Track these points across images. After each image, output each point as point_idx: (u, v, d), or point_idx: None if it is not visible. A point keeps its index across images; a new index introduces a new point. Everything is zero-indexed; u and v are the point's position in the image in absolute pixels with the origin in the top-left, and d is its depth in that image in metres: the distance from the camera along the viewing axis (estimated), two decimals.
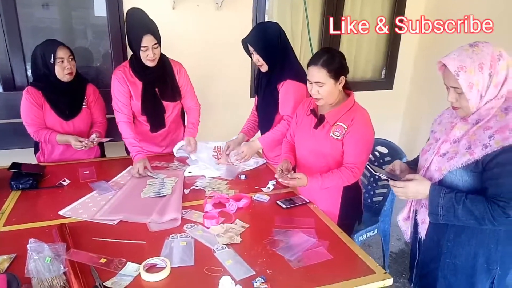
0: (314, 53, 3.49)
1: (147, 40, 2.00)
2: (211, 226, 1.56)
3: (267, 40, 2.06)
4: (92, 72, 3.17)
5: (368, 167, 1.49)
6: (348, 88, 1.77)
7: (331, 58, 1.65)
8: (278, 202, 1.78)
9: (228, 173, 2.10)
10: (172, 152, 2.37)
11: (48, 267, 1.24)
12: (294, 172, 1.81)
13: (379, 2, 3.93)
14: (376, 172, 1.42)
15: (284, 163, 1.86)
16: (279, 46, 2.09)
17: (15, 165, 1.95)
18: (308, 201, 1.80)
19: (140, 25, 2.02)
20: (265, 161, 2.29)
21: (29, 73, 2.94)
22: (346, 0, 3.78)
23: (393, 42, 4.09)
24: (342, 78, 1.68)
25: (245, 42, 2.11)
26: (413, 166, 1.50)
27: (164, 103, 2.26)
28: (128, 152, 2.30)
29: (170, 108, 2.31)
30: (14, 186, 1.85)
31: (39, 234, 1.47)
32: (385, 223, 2.34)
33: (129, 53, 3.01)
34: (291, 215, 1.68)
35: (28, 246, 1.30)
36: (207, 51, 3.22)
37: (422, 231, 1.41)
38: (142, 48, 2.02)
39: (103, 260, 1.32)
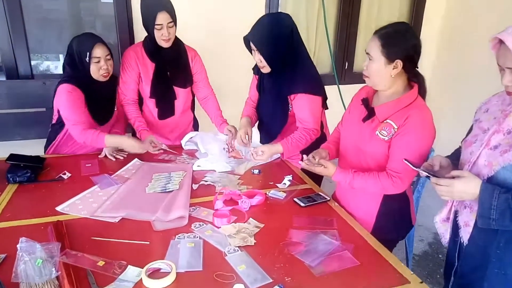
0: (329, 42, 3.38)
1: (162, 18, 1.90)
2: (222, 225, 1.41)
3: (274, 40, 1.72)
4: None
5: (405, 162, 1.30)
6: (414, 80, 1.45)
7: (395, 33, 1.36)
8: (295, 199, 1.62)
9: (240, 167, 1.94)
10: (181, 144, 2.22)
11: (39, 270, 1.10)
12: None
13: None
14: (415, 169, 1.25)
15: (320, 150, 1.66)
16: (289, 48, 1.76)
17: (13, 157, 1.83)
18: (328, 198, 1.64)
19: (155, 2, 1.93)
20: (279, 155, 2.13)
21: (33, 62, 2.86)
22: None
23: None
24: (398, 63, 1.36)
25: (247, 39, 1.79)
26: (455, 161, 1.30)
27: (175, 88, 2.16)
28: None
29: (181, 95, 2.21)
30: (11, 179, 1.72)
31: (33, 231, 1.35)
32: None
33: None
34: (310, 214, 1.52)
35: (18, 246, 1.16)
36: (216, 40, 3.07)
37: (465, 235, 1.23)
38: (156, 26, 1.92)
39: (101, 263, 1.17)
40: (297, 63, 1.81)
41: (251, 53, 1.84)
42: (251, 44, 1.77)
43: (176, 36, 2.08)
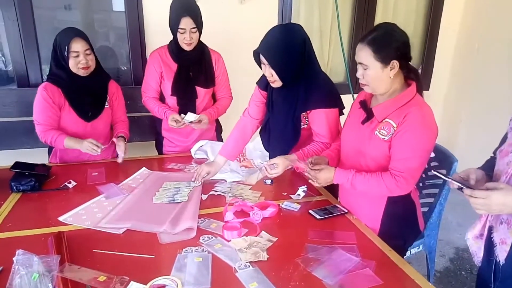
0: (343, 50, 3.31)
1: (185, 23, 1.96)
2: (232, 238, 1.32)
3: (287, 51, 1.59)
4: (112, 74, 3.05)
5: (435, 172, 1.20)
6: (411, 78, 1.42)
7: (383, 35, 1.34)
8: (310, 211, 1.52)
9: (252, 177, 1.85)
10: (190, 153, 2.16)
11: (35, 286, 1.03)
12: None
13: None
14: (445, 178, 1.14)
15: (319, 157, 1.60)
16: (301, 60, 1.63)
17: (18, 165, 1.78)
18: (346, 211, 1.53)
19: (181, 7, 1.99)
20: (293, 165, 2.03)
21: (45, 70, 2.84)
22: None
23: (430, 40, 3.79)
24: (395, 63, 1.33)
25: (257, 52, 1.64)
26: (489, 172, 1.19)
27: (197, 88, 2.18)
28: (158, 151, 2.39)
29: (202, 95, 2.21)
30: (14, 187, 1.67)
31: (33, 243, 1.28)
32: (431, 237, 2.03)
33: (149, 55, 2.92)
34: (327, 228, 1.42)
35: (14, 258, 1.09)
36: (229, 47, 3.03)
37: (501, 254, 1.11)
38: (179, 30, 1.99)
39: (101, 278, 1.09)
40: (310, 77, 1.70)
41: (261, 68, 1.70)
42: (261, 58, 1.63)
43: (200, 41, 2.14)
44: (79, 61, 1.88)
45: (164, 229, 1.36)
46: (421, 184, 2.10)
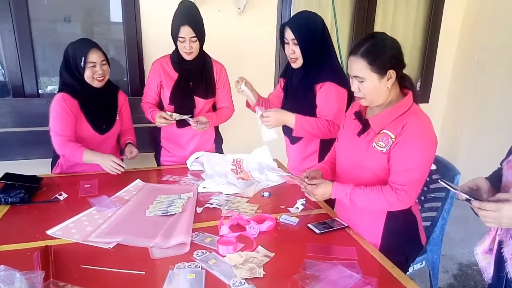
0: (342, 64, 3.29)
1: (185, 32, 1.95)
2: (227, 254, 1.26)
3: (311, 31, 1.75)
4: None
5: (442, 182, 1.15)
6: (406, 87, 1.39)
7: (375, 46, 1.30)
8: (309, 225, 1.46)
9: (249, 189, 1.80)
10: (186, 164, 2.10)
11: None
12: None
13: (413, 7, 3.65)
14: (452, 189, 1.09)
15: (313, 171, 1.55)
16: (321, 41, 1.78)
17: (8, 176, 1.72)
18: (346, 225, 1.48)
19: (181, 15, 1.97)
20: (289, 174, 1.97)
21: (40, 80, 2.82)
22: (378, 9, 3.52)
23: (428, 53, 3.79)
24: (391, 73, 1.30)
25: (283, 28, 1.79)
26: (496, 183, 1.14)
27: (196, 98, 2.14)
28: (157, 162, 2.35)
29: (201, 105, 2.17)
30: (3, 199, 1.61)
31: (18, 258, 1.22)
32: (434, 253, 1.97)
33: (146, 66, 2.90)
34: (327, 243, 1.36)
35: None
36: (229, 57, 3.01)
37: None
38: (179, 39, 1.98)
39: None
40: (325, 57, 1.81)
41: (283, 47, 1.84)
42: (287, 34, 1.76)
43: (203, 51, 2.13)
44: (96, 71, 1.87)
45: (155, 243, 1.30)
46: (422, 198, 2.05)
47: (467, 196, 1.07)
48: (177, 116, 2.05)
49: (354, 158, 1.45)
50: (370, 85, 1.33)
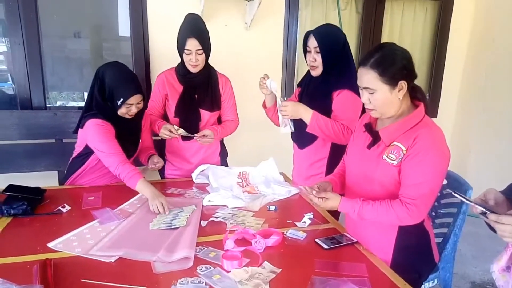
0: None
1: (191, 44, 1.94)
2: (232, 269, 1.22)
3: (333, 41, 1.83)
4: None
5: (455, 194, 1.11)
6: (418, 98, 1.37)
7: (385, 56, 1.28)
8: (317, 240, 1.42)
9: (255, 203, 1.76)
10: (191, 177, 2.07)
11: None
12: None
13: (420, 23, 3.65)
14: (467, 201, 1.05)
15: (322, 183, 1.52)
16: (342, 52, 1.85)
17: (11, 188, 1.70)
18: (355, 240, 1.43)
19: (188, 28, 1.97)
20: (298, 190, 1.94)
21: (49, 96, 2.84)
22: (384, 23, 3.53)
23: (436, 68, 3.77)
24: (403, 84, 1.28)
25: (307, 36, 1.86)
26: (509, 196, 1.10)
27: (201, 111, 2.13)
28: (161, 176, 2.31)
29: (206, 118, 2.15)
30: (5, 211, 1.58)
31: (17, 271, 1.19)
32: (446, 271, 1.89)
33: (153, 80, 2.92)
34: (335, 259, 1.31)
35: None
36: (235, 72, 3.02)
37: None
38: (185, 51, 1.97)
39: None
40: (345, 67, 1.86)
41: (305, 56, 1.91)
42: (310, 43, 1.83)
43: (208, 63, 2.12)
44: (130, 110, 1.84)
45: (158, 257, 1.26)
46: (433, 213, 1.99)
47: (483, 209, 1.02)
48: (182, 132, 2.03)
49: (364, 171, 1.42)
50: (381, 96, 1.30)
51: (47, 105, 2.82)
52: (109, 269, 1.23)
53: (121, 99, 1.79)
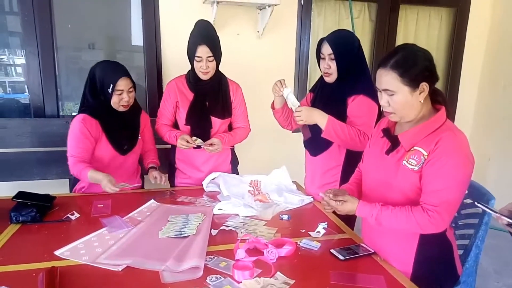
0: None
1: (202, 51, 1.92)
2: (243, 280, 1.17)
3: (347, 47, 1.79)
4: None
5: (479, 205, 1.05)
6: (439, 102, 1.31)
7: (407, 57, 1.23)
8: (332, 251, 1.36)
9: (267, 212, 1.71)
10: (202, 185, 2.04)
11: None
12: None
13: (435, 30, 3.59)
14: (492, 212, 0.99)
15: (339, 190, 1.47)
16: (356, 57, 1.82)
17: (21, 195, 1.68)
18: (373, 251, 1.36)
19: (198, 35, 1.95)
20: (312, 199, 1.88)
21: (64, 107, 2.87)
22: (398, 31, 3.48)
23: (452, 77, 3.69)
24: (424, 86, 1.22)
25: (320, 43, 1.84)
26: None
27: (212, 118, 2.10)
28: (171, 184, 2.28)
29: (217, 125, 2.12)
30: (14, 218, 1.57)
31: (22, 279, 1.17)
32: (468, 285, 1.79)
33: (164, 87, 2.93)
34: (352, 270, 1.25)
35: None
36: (248, 81, 3.01)
37: None
38: (196, 58, 1.95)
39: None
40: (360, 73, 1.83)
41: (318, 63, 1.88)
42: (324, 49, 1.80)
43: (219, 71, 2.10)
44: (122, 99, 1.86)
45: (167, 266, 1.22)
46: (453, 224, 1.91)
47: (510, 220, 0.96)
48: (199, 142, 2.00)
49: (382, 178, 1.36)
50: (401, 98, 1.25)
51: (60, 114, 2.84)
52: (116, 278, 1.19)
53: (110, 85, 1.81)
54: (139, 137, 2.06)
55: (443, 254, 1.35)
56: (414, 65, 1.22)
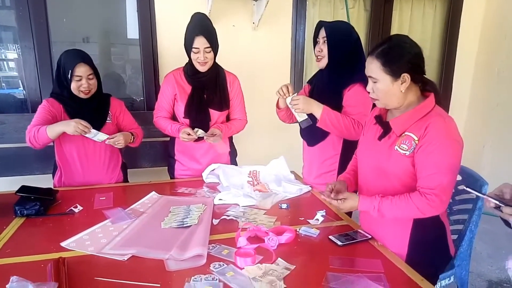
0: None
1: (199, 42, 1.93)
2: (245, 266, 1.20)
3: (343, 35, 1.82)
4: (126, 103, 3.09)
5: (468, 189, 1.09)
6: (428, 90, 1.36)
7: (392, 48, 1.29)
8: (331, 237, 1.40)
9: (266, 201, 1.75)
10: (201, 177, 2.07)
11: None
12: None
13: (429, 19, 3.61)
14: (480, 195, 1.03)
15: (338, 183, 1.50)
16: (353, 49, 1.84)
17: (24, 189, 1.71)
18: (370, 236, 1.41)
19: (195, 26, 1.96)
20: (310, 188, 1.92)
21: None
22: (393, 20, 3.50)
23: (447, 65, 3.72)
24: (406, 77, 1.28)
25: (319, 27, 1.85)
26: None
27: (210, 110, 2.12)
28: (171, 176, 2.31)
29: (216, 117, 2.15)
30: (18, 212, 1.60)
31: (31, 269, 1.19)
32: (462, 268, 1.85)
33: (162, 81, 2.95)
34: (350, 255, 1.29)
35: (7, 286, 1.00)
36: (244, 72, 3.02)
37: None
38: (193, 50, 1.96)
39: None
40: (357, 64, 1.81)
41: (314, 48, 1.90)
42: (320, 33, 1.83)
43: (216, 63, 2.11)
44: (81, 85, 1.89)
45: (171, 255, 1.26)
46: (448, 210, 1.96)
47: (497, 202, 1.00)
48: (201, 133, 2.02)
49: (376, 163, 1.41)
50: (382, 87, 1.31)
51: None
52: (122, 267, 1.22)
53: (69, 71, 1.85)
54: (109, 121, 2.05)
55: (436, 235, 1.39)
56: (397, 56, 1.28)
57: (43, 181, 2.16)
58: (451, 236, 1.47)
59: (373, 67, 1.31)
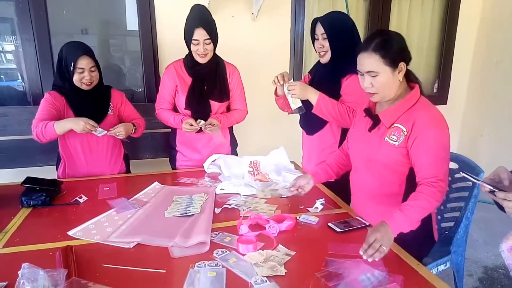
0: None
1: (199, 34, 1.95)
2: (248, 252, 1.25)
3: (340, 27, 1.83)
4: (127, 94, 3.11)
5: (464, 174, 1.12)
6: (412, 80, 1.43)
7: (385, 40, 1.35)
8: (330, 224, 1.44)
9: (267, 191, 1.79)
10: (203, 167, 2.11)
11: None
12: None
13: (428, 8, 3.61)
14: (475, 180, 1.06)
15: (301, 178, 1.62)
16: (351, 39, 1.85)
17: (29, 180, 1.74)
18: (368, 223, 1.45)
19: (195, 18, 1.98)
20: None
21: None
22: (392, 10, 3.50)
23: (446, 53, 3.73)
24: (402, 65, 1.35)
25: (314, 24, 1.87)
26: None
27: (211, 102, 2.14)
28: (172, 167, 2.33)
29: (216, 108, 2.17)
30: (25, 202, 1.63)
31: (40, 257, 1.22)
32: (458, 254, 1.91)
33: (162, 73, 2.96)
34: (348, 241, 1.33)
35: (19, 272, 1.04)
36: (243, 63, 3.03)
37: None
38: (193, 41, 1.98)
39: None
40: (354, 53, 1.82)
41: (313, 44, 1.91)
42: (317, 30, 1.84)
43: (216, 54, 2.12)
44: (84, 77, 1.91)
45: (175, 242, 1.30)
46: (444, 197, 2.00)
47: (491, 187, 1.03)
48: (203, 124, 2.04)
49: (367, 154, 1.48)
50: (383, 79, 1.36)
51: None
52: (128, 254, 1.26)
53: (72, 63, 1.88)
54: (110, 112, 2.08)
55: (424, 221, 1.42)
56: (392, 47, 1.34)
57: (46, 172, 2.19)
58: (436, 220, 1.53)
59: (372, 61, 1.35)
